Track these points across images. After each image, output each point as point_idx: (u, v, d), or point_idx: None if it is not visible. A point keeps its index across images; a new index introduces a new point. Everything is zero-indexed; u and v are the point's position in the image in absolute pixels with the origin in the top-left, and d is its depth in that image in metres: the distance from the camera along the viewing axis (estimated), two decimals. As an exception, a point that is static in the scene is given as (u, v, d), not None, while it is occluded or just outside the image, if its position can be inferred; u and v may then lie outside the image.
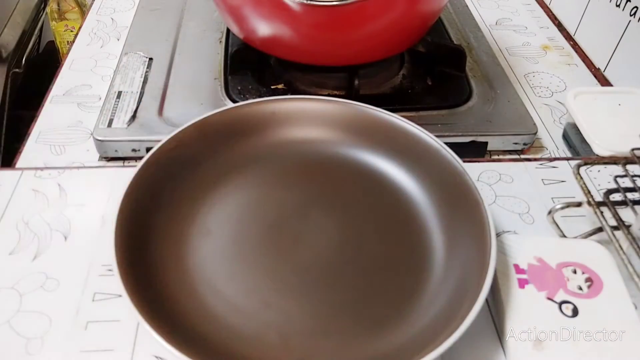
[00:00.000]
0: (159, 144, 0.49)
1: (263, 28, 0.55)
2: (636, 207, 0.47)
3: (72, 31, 1.05)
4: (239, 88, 0.66)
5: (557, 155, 0.64)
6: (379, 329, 0.42)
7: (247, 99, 0.55)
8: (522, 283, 0.44)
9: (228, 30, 0.77)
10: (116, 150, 0.60)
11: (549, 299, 0.43)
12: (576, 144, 0.64)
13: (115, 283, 0.39)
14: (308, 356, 0.40)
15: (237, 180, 0.51)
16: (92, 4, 0.91)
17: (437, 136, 0.50)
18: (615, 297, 0.43)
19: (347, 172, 0.53)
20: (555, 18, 0.90)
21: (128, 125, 0.61)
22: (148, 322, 0.36)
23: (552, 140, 0.66)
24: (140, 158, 0.48)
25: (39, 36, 0.87)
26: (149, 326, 0.36)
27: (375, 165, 0.53)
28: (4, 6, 0.75)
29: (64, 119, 0.66)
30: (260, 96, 0.54)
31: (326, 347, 0.41)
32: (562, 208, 0.50)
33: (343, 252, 0.47)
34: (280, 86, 0.68)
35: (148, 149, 0.49)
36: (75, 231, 0.51)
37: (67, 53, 0.78)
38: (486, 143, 0.63)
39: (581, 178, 0.49)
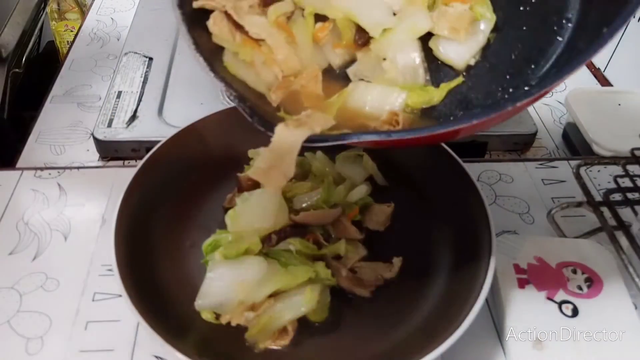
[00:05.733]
0: (159, 144, 0.49)
1: None
2: (636, 207, 0.47)
3: (72, 31, 1.05)
4: (239, 88, 0.66)
5: (557, 155, 0.64)
6: (379, 329, 0.42)
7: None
8: (522, 283, 0.44)
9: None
10: (116, 150, 0.60)
11: (549, 298, 0.43)
12: (576, 144, 0.64)
13: (115, 283, 0.39)
14: (311, 356, 0.40)
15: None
16: (92, 4, 0.91)
17: (437, 136, 0.50)
18: (615, 297, 0.43)
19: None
20: (555, 18, 0.90)
21: (128, 125, 0.61)
22: (148, 322, 0.36)
23: (552, 140, 0.66)
24: (140, 158, 0.48)
25: (39, 36, 0.87)
26: (149, 326, 0.36)
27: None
28: (4, 6, 0.75)
29: (64, 119, 0.66)
30: (260, 96, 0.54)
31: (328, 347, 0.41)
32: (562, 208, 0.50)
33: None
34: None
35: (148, 149, 0.49)
36: (75, 231, 0.51)
37: (67, 53, 0.78)
38: (486, 143, 0.63)
39: (581, 178, 0.49)
